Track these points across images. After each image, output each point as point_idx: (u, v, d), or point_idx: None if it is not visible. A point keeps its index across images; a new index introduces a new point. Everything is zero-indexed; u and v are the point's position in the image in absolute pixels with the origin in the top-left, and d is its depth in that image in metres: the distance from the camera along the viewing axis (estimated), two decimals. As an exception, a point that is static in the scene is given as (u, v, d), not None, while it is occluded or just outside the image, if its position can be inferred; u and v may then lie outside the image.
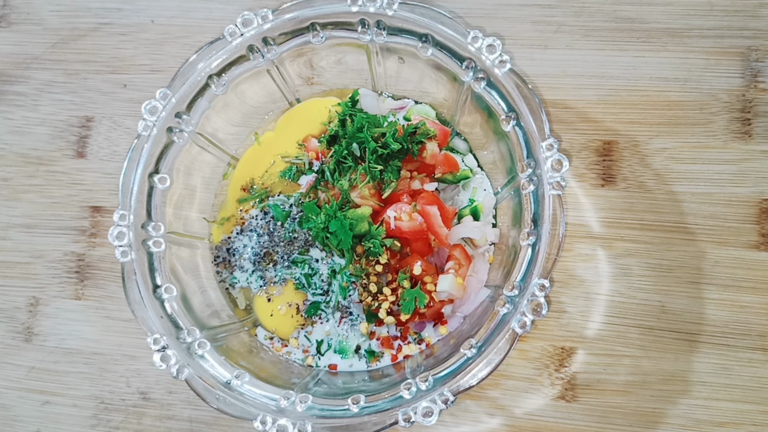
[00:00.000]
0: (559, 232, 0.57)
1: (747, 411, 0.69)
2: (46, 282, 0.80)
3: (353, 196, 0.68)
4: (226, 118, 0.71)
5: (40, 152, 0.83)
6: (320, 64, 0.71)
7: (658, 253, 0.72)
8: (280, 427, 0.55)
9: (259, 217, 0.73)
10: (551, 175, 0.57)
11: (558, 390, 0.71)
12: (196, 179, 0.72)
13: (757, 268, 0.71)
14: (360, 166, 0.68)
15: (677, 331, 0.71)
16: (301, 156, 0.74)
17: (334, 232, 0.67)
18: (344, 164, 0.69)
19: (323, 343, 0.71)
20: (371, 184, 0.68)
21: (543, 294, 0.56)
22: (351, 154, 0.69)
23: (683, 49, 0.75)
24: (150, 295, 0.60)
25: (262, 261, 0.72)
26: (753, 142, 0.73)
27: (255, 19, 0.62)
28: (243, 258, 0.72)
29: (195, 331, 0.61)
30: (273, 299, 0.73)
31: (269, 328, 0.73)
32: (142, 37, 0.83)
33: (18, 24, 0.86)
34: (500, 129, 0.62)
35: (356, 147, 0.68)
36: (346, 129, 0.69)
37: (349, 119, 0.71)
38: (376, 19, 0.62)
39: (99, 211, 0.80)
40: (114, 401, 0.76)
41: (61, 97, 0.83)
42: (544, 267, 0.57)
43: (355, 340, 0.71)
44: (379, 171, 0.68)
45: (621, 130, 0.75)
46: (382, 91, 0.76)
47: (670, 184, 0.73)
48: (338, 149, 0.69)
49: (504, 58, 0.59)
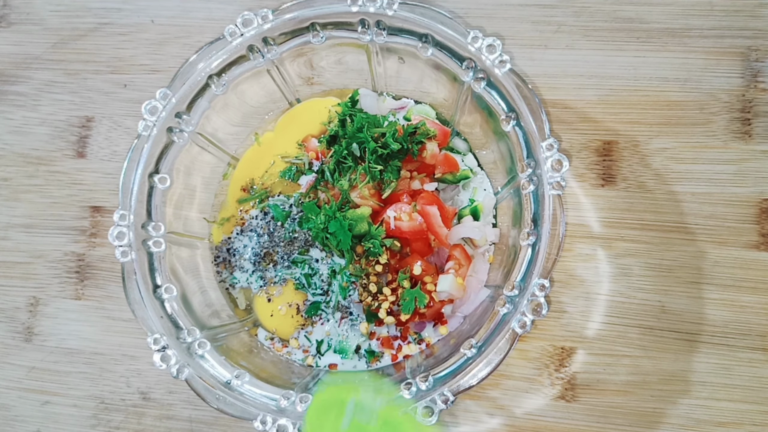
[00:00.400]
0: (559, 232, 0.57)
1: (747, 411, 0.69)
2: (47, 282, 0.80)
3: (353, 196, 0.68)
4: (226, 118, 0.71)
5: (41, 152, 0.83)
6: (320, 64, 0.71)
7: (658, 253, 0.72)
8: (281, 427, 0.55)
9: (259, 217, 0.73)
10: (551, 175, 0.57)
11: (558, 390, 0.71)
12: (196, 179, 0.72)
13: (757, 268, 0.71)
14: (360, 166, 0.68)
15: (677, 331, 0.71)
16: (301, 156, 0.74)
17: (334, 233, 0.67)
18: (344, 164, 0.69)
19: (323, 343, 0.71)
20: (371, 184, 0.68)
21: (543, 294, 0.56)
22: (351, 154, 0.69)
23: (683, 49, 0.75)
24: (150, 295, 0.60)
25: (262, 261, 0.72)
26: (753, 142, 0.73)
27: (255, 19, 0.62)
28: (243, 258, 0.72)
29: (195, 331, 0.61)
30: (273, 299, 0.73)
31: (269, 328, 0.73)
32: (142, 37, 0.83)
33: (18, 24, 0.86)
34: (500, 129, 0.62)
35: (356, 147, 0.68)
36: (346, 129, 0.69)
37: (349, 119, 0.71)
38: (376, 19, 0.62)
39: (99, 211, 0.80)
40: (114, 401, 0.76)
41: (61, 97, 0.83)
42: (544, 267, 0.57)
43: (355, 340, 0.71)
44: (379, 171, 0.68)
45: (621, 130, 0.75)
46: (383, 91, 0.76)
47: (670, 184, 0.73)
48: (338, 149, 0.69)
49: (504, 58, 0.59)
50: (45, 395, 0.77)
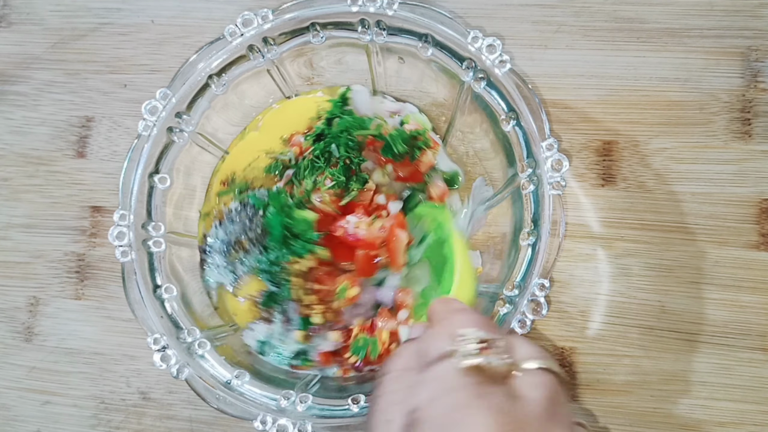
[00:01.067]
0: (559, 232, 0.57)
1: (747, 411, 0.69)
2: (47, 282, 0.80)
3: (314, 197, 0.67)
4: (226, 118, 0.71)
5: (41, 152, 0.83)
6: (320, 64, 0.71)
7: (658, 253, 0.72)
8: (281, 427, 0.55)
9: (238, 209, 0.70)
10: (551, 175, 0.57)
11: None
12: (196, 179, 0.72)
13: (758, 268, 0.71)
14: (329, 169, 0.67)
15: (677, 331, 0.71)
16: (285, 152, 0.72)
17: (271, 225, 0.65)
18: (316, 164, 0.68)
19: (266, 345, 0.68)
20: (333, 190, 0.67)
21: (543, 294, 0.56)
22: (324, 154, 0.67)
23: (683, 49, 0.75)
24: (150, 295, 0.60)
25: (233, 251, 0.69)
26: (753, 142, 0.73)
27: (255, 19, 0.62)
28: (218, 252, 0.70)
29: (195, 331, 0.61)
30: (238, 292, 0.70)
31: (241, 324, 0.70)
32: (142, 37, 0.83)
33: (18, 24, 0.86)
34: (500, 129, 0.62)
35: (335, 148, 0.67)
36: (331, 129, 0.68)
37: (336, 119, 0.69)
38: (376, 19, 0.62)
39: (99, 211, 0.80)
40: (114, 401, 0.76)
41: (61, 97, 0.83)
42: (544, 267, 0.57)
43: (291, 346, 0.68)
44: (344, 180, 0.66)
45: (621, 130, 0.75)
46: (383, 92, 0.76)
47: (670, 184, 0.73)
48: (316, 147, 0.68)
49: (504, 58, 0.59)
50: (45, 395, 0.78)
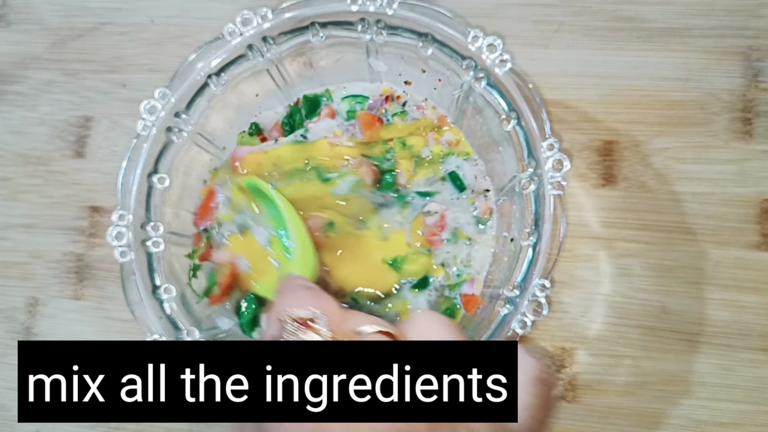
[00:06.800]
0: (560, 232, 0.57)
1: (748, 411, 0.69)
2: (45, 282, 0.79)
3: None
4: (226, 118, 0.71)
5: (39, 152, 0.82)
6: (320, 64, 0.71)
7: (659, 253, 0.72)
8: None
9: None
10: (552, 175, 0.57)
11: (559, 390, 0.71)
12: (196, 179, 0.71)
13: (759, 269, 0.71)
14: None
15: (678, 332, 0.71)
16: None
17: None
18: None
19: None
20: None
21: (544, 294, 0.56)
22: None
23: (684, 49, 0.75)
24: (149, 295, 0.60)
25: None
26: (754, 142, 0.73)
27: (254, 19, 0.62)
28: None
29: (194, 332, 0.61)
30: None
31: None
32: (142, 37, 0.83)
33: (17, 24, 0.86)
34: (500, 129, 0.61)
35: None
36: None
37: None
38: (376, 18, 0.62)
39: (98, 211, 0.80)
40: (113, 402, 0.76)
41: (60, 96, 0.83)
42: (545, 267, 0.56)
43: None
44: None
45: (622, 130, 0.75)
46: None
47: (671, 184, 0.73)
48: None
49: (504, 57, 0.59)
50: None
